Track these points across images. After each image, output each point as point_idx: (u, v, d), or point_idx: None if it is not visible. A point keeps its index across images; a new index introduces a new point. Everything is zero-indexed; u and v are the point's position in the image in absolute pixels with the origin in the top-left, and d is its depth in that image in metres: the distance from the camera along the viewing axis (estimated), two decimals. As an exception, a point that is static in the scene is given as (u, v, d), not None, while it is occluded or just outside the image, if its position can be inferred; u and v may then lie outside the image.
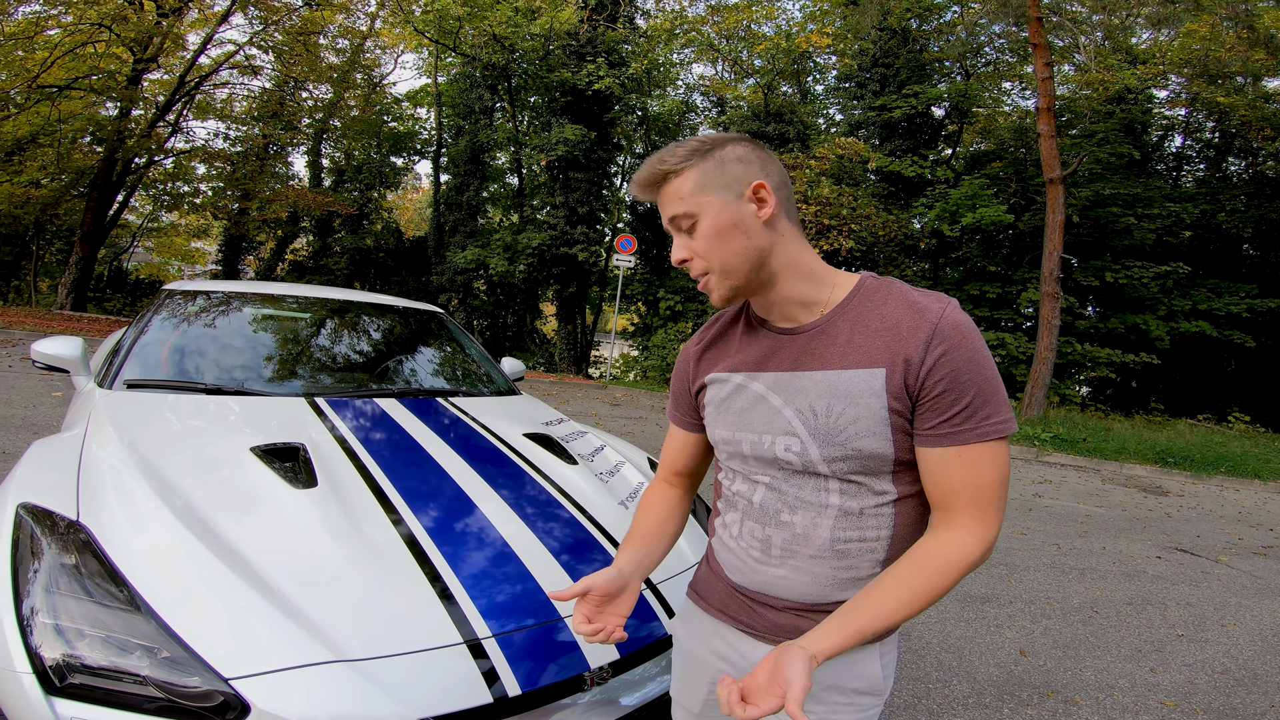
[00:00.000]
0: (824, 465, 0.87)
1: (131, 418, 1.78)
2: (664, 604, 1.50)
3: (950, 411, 0.81)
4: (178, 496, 1.40)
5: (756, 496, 0.95)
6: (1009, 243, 16.10)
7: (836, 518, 0.88)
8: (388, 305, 3.03)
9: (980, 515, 0.83)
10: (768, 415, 0.92)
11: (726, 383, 0.98)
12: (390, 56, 21.69)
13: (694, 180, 0.87)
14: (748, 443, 0.94)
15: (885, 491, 0.87)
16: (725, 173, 0.87)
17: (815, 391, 0.87)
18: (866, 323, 0.87)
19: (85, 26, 12.38)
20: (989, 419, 0.81)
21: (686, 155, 0.88)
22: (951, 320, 0.82)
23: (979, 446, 0.82)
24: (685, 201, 0.88)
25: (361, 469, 1.66)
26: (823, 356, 0.88)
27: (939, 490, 0.84)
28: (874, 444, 0.84)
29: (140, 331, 2.32)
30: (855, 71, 16.42)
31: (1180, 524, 5.78)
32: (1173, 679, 2.81)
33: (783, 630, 0.92)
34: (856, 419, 0.84)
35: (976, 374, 0.81)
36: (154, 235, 21.82)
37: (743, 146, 0.89)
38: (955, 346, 0.81)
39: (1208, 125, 16.96)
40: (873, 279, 0.92)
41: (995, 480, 0.83)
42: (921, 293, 0.87)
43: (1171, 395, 15.17)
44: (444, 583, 1.32)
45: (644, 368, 16.16)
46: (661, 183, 0.90)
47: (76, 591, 1.14)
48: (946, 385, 0.81)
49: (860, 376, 0.85)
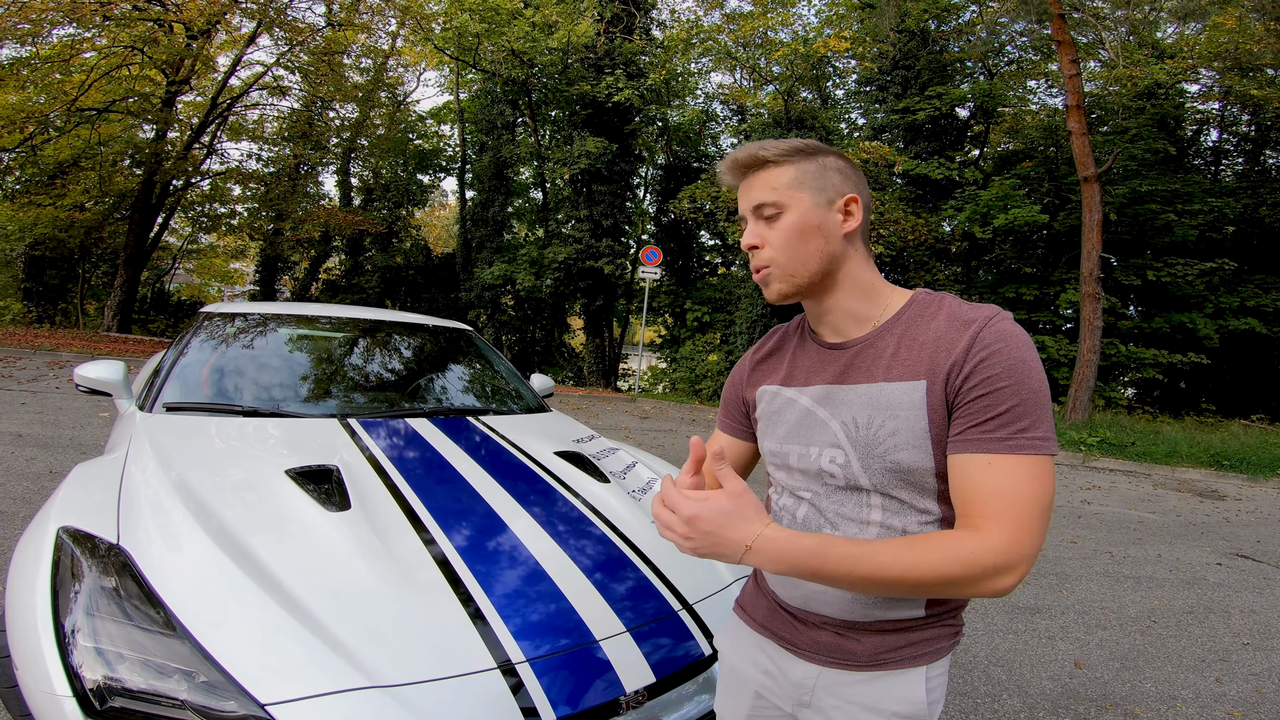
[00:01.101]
0: (865, 478, 0.86)
1: (170, 441, 1.81)
2: (700, 624, 1.46)
3: (982, 418, 0.78)
4: (214, 520, 1.41)
5: (800, 512, 0.94)
6: (1044, 243, 15.73)
7: (879, 534, 0.85)
8: (417, 324, 3.06)
9: (1005, 527, 0.74)
10: (815, 427, 0.92)
11: (776, 395, 0.99)
12: (412, 74, 22.17)
13: (792, 175, 0.89)
14: (795, 454, 0.94)
15: (929, 511, 0.84)
16: (824, 178, 0.89)
17: (859, 404, 0.87)
18: (913, 336, 0.86)
19: (119, 49, 12.82)
20: (1026, 432, 0.76)
21: (790, 151, 0.90)
22: (997, 329, 0.80)
23: (1011, 458, 0.76)
24: (778, 192, 0.89)
25: (394, 490, 1.65)
26: (868, 370, 0.88)
27: (962, 499, 0.78)
28: (912, 457, 0.82)
29: (179, 355, 2.37)
30: (876, 75, 16.25)
31: (1239, 529, 5.56)
32: (1239, 689, 2.69)
33: (823, 648, 0.90)
34: (895, 431, 0.83)
35: (1019, 383, 0.77)
36: (194, 257, 22.49)
37: (843, 160, 0.92)
38: (996, 354, 0.78)
39: (1243, 119, 16.42)
40: (925, 294, 0.92)
41: (1030, 497, 0.75)
42: (973, 306, 0.86)
43: (1222, 395, 14.61)
44: (476, 604, 1.31)
45: (672, 380, 16.11)
46: (757, 168, 0.91)
47: (116, 614, 1.15)
48: (983, 390, 0.78)
49: (901, 389, 0.84)
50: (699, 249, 19.57)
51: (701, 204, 15.21)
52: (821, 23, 16.32)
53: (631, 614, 1.40)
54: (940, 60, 15.23)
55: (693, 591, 1.53)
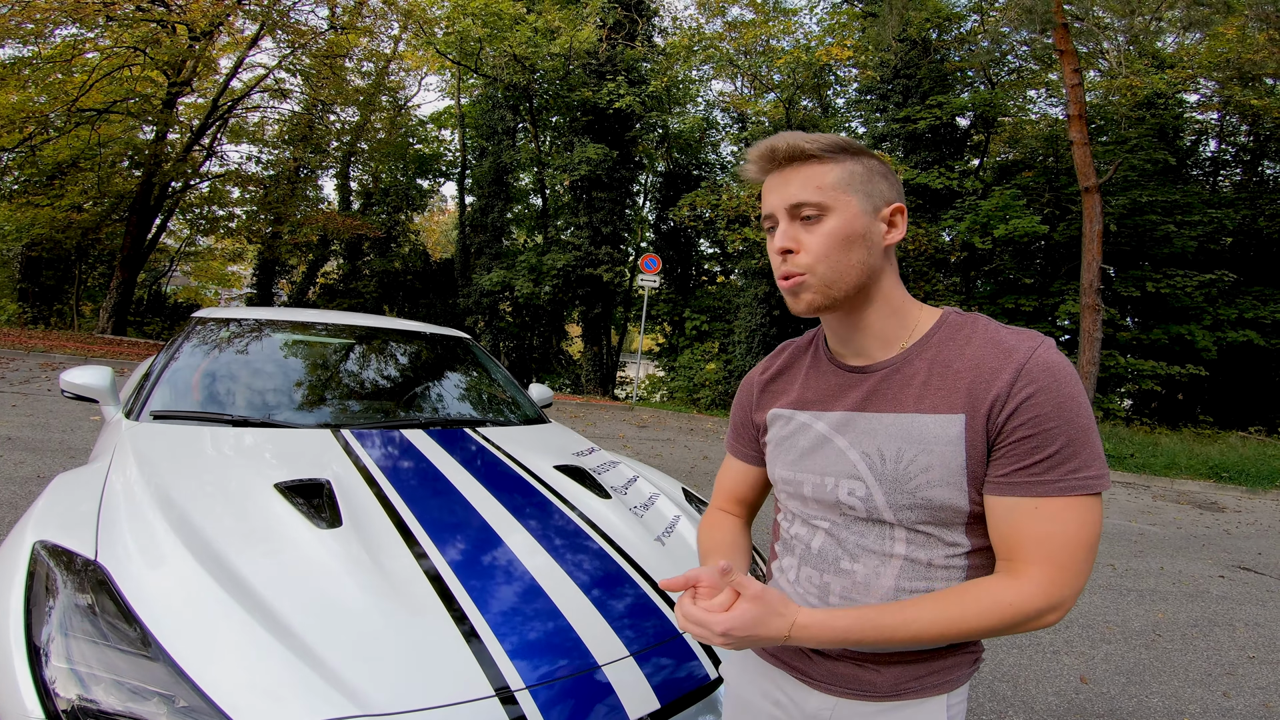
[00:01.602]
0: (889, 513, 0.80)
1: (156, 451, 1.75)
2: (705, 646, 1.41)
3: (1029, 460, 0.73)
4: (198, 536, 1.35)
5: (815, 542, 0.88)
6: (1043, 254, 15.73)
7: (902, 567, 0.81)
8: (414, 332, 3.00)
9: (1051, 572, 0.72)
10: (831, 457, 0.86)
11: (789, 420, 0.92)
12: (414, 79, 22.21)
13: (840, 175, 0.81)
14: (809, 484, 0.88)
15: (957, 544, 0.79)
16: (872, 183, 0.82)
17: (885, 435, 0.81)
18: (946, 363, 0.80)
19: (121, 50, 12.79)
20: (1077, 472, 0.72)
21: (835, 147, 0.81)
22: (1043, 360, 0.74)
23: (1060, 501, 0.72)
24: (823, 191, 0.81)
25: (387, 506, 1.60)
26: (896, 398, 0.82)
27: (1005, 543, 0.75)
28: (946, 495, 0.77)
29: (168, 361, 2.31)
30: (877, 84, 16.29)
31: (1240, 541, 5.53)
32: (1247, 703, 2.66)
33: (840, 678, 0.85)
34: (928, 468, 0.77)
35: (1067, 421, 0.72)
36: (191, 259, 22.43)
37: (886, 166, 0.85)
38: (1044, 389, 0.73)
39: (1241, 129, 16.49)
40: (956, 315, 0.85)
41: (1077, 540, 0.72)
42: (1011, 330, 0.79)
43: (1220, 407, 14.59)
44: (470, 622, 1.25)
45: (670, 388, 16.06)
46: (797, 160, 0.82)
47: (92, 634, 1.10)
48: (1029, 431, 0.73)
49: (936, 422, 0.77)
50: (698, 257, 19.57)
51: (701, 212, 15.20)
52: (823, 31, 16.37)
53: (633, 635, 1.35)
54: (941, 69, 15.27)
55: (697, 613, 1.47)
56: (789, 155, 0.82)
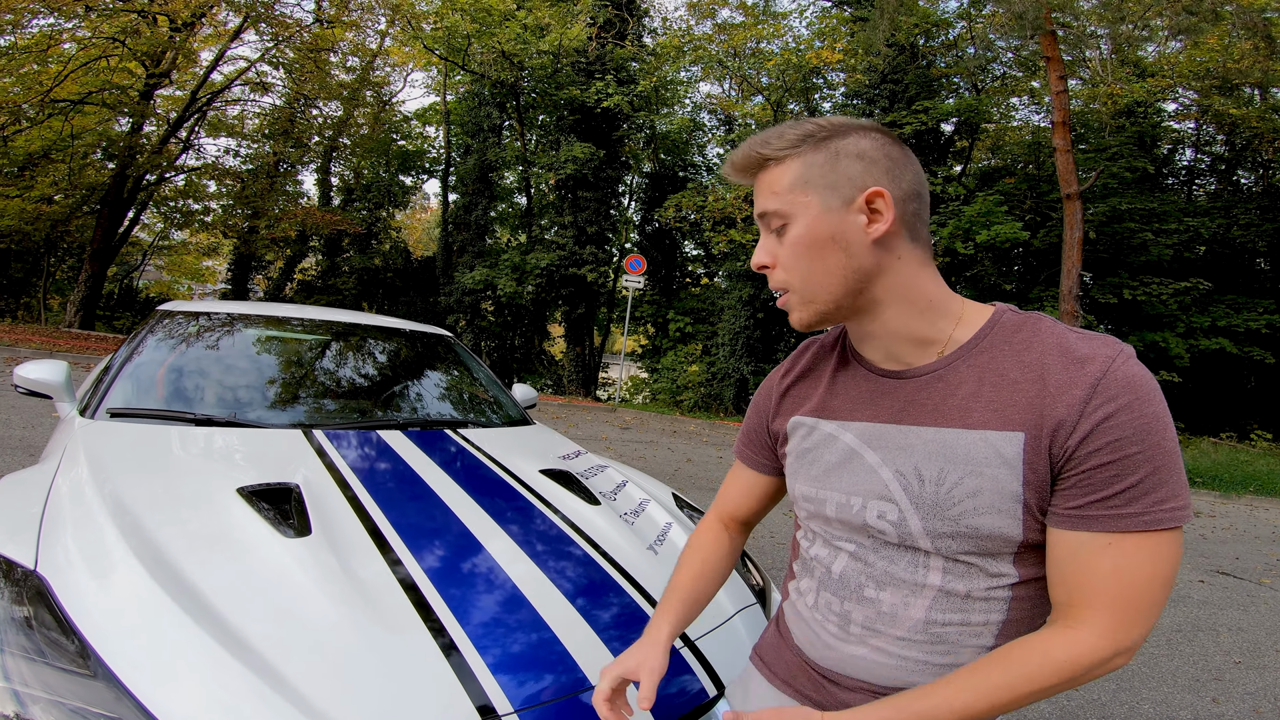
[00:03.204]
0: (926, 540, 0.70)
1: (109, 452, 1.62)
2: (702, 661, 1.32)
3: (1107, 491, 0.62)
4: (150, 544, 1.24)
5: (837, 566, 0.79)
6: (1023, 260, 15.91)
7: (935, 599, 0.71)
8: (392, 328, 2.88)
9: (1119, 615, 0.62)
10: (860, 474, 0.76)
11: (813, 430, 0.82)
12: (400, 75, 21.92)
13: (795, 173, 0.71)
14: (833, 503, 0.78)
15: (1002, 574, 0.69)
16: (836, 170, 0.70)
17: (924, 452, 0.71)
18: (1002, 371, 0.69)
19: (99, 41, 12.47)
20: (1163, 504, 0.62)
21: (795, 141, 0.72)
22: (1124, 375, 0.63)
23: (1139, 537, 0.62)
24: (779, 197, 0.72)
25: (360, 511, 1.49)
26: (938, 410, 0.71)
27: (1067, 584, 0.65)
28: (996, 524, 0.67)
29: (129, 356, 2.18)
30: (864, 88, 16.38)
31: (1217, 546, 5.61)
32: (1236, 709, 2.66)
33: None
34: (976, 492, 0.67)
35: (1153, 446, 0.61)
36: (164, 253, 21.94)
37: (869, 140, 0.71)
38: (1126, 409, 0.62)
39: (1218, 138, 16.82)
40: (1013, 314, 0.73)
41: (1153, 578, 0.62)
42: (1082, 335, 0.68)
43: (1191, 413, 14.84)
44: (449, 635, 1.16)
45: (653, 390, 16.00)
46: (759, 168, 0.75)
47: (29, 650, 1.01)
48: (1107, 458, 0.62)
49: (988, 440, 0.67)
50: (683, 259, 19.54)
51: (686, 214, 15.16)
52: (813, 34, 16.42)
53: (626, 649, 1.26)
54: (928, 75, 15.39)
55: (693, 626, 1.39)
56: (748, 164, 0.75)
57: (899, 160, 0.72)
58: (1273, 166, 16.11)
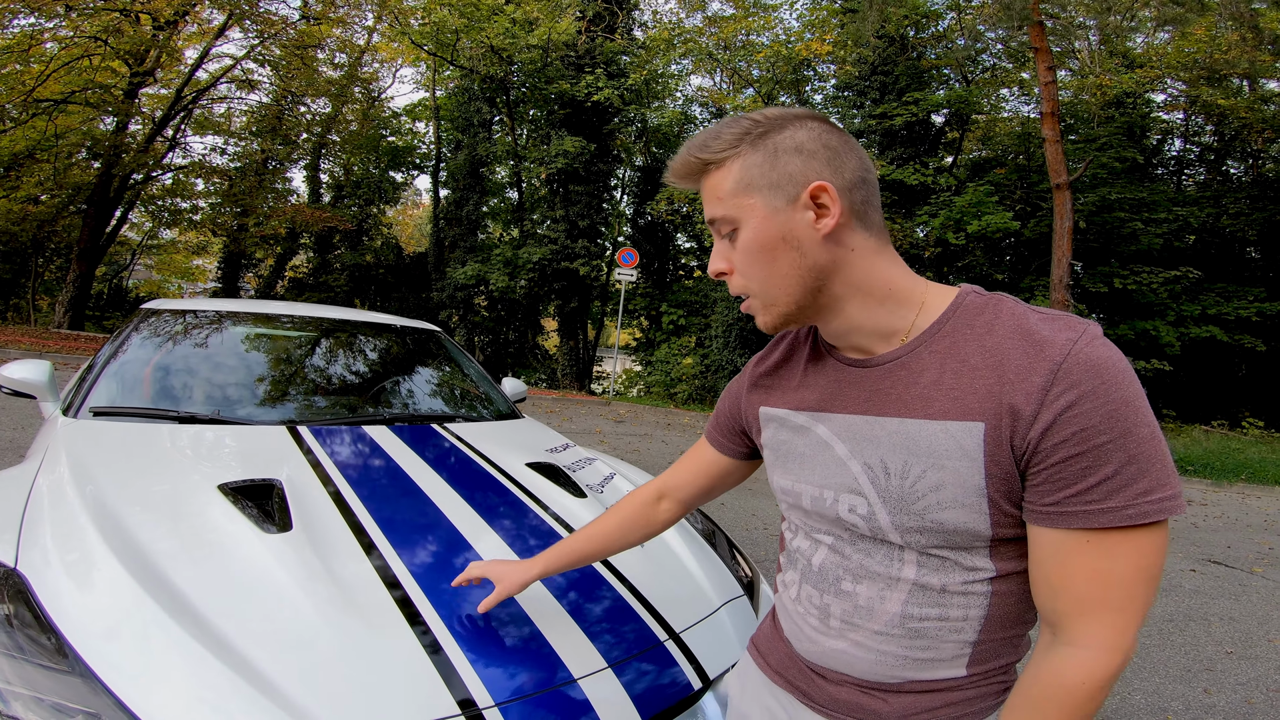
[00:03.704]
0: (895, 535, 0.69)
1: (91, 451, 1.61)
2: (688, 654, 1.32)
3: (1080, 485, 0.59)
4: (129, 542, 1.23)
5: (816, 558, 0.78)
6: (1014, 250, 15.97)
7: (911, 592, 0.70)
8: (379, 324, 2.86)
9: (1112, 620, 0.60)
10: (832, 466, 0.75)
11: (785, 422, 0.81)
12: (388, 70, 21.77)
13: (736, 176, 0.69)
14: (808, 496, 0.77)
15: (978, 568, 0.68)
16: (777, 168, 0.68)
17: (889, 444, 0.69)
18: (963, 357, 0.66)
19: (81, 40, 12.34)
20: (1146, 495, 0.58)
21: (732, 141, 0.70)
22: (1086, 358, 0.59)
23: (1121, 533, 0.58)
24: (723, 203, 0.71)
25: (344, 508, 1.48)
26: (901, 399, 0.69)
27: (1051, 586, 0.63)
28: (961, 518, 0.65)
29: (112, 354, 2.16)
30: (854, 79, 16.37)
31: (1208, 534, 5.61)
32: (1228, 699, 2.65)
33: (842, 705, 0.77)
34: (939, 486, 0.65)
35: (1125, 433, 0.58)
36: (154, 253, 21.78)
37: (807, 130, 0.69)
38: (1090, 395, 0.58)
39: (1206, 129, 16.91)
40: (976, 295, 0.70)
41: (1137, 575, 0.59)
42: (1045, 316, 0.65)
43: (1183, 401, 14.96)
44: (433, 634, 1.15)
45: (647, 383, 15.99)
46: (700, 173, 0.73)
47: (8, 647, 1.01)
48: (1075, 450, 0.58)
49: (948, 431, 0.64)
50: (675, 252, 19.50)
51: (679, 206, 15.14)
52: (803, 26, 16.40)
53: (612, 645, 1.26)
54: (918, 66, 15.39)
55: (679, 619, 1.39)
56: (688, 170, 0.73)
57: (838, 149, 0.69)
58: (1262, 156, 16.21)
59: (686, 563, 1.59)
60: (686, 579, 1.54)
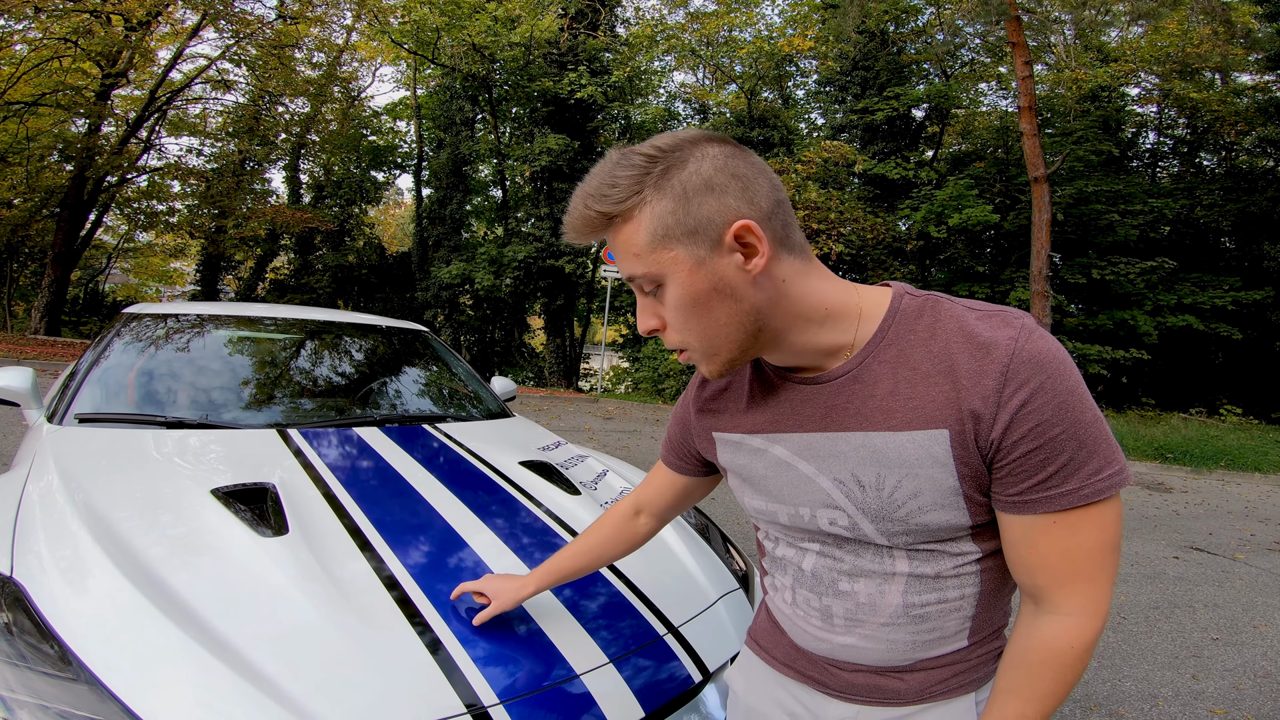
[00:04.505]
0: (882, 538, 0.71)
1: (80, 457, 1.59)
2: (687, 648, 1.33)
3: (1041, 475, 0.63)
4: (124, 549, 1.22)
5: (807, 564, 0.79)
6: (995, 242, 16.17)
7: (908, 583, 0.72)
8: (367, 325, 2.84)
9: (1087, 589, 0.65)
10: (800, 485, 0.74)
11: (740, 445, 0.80)
12: (368, 69, 21.54)
13: (649, 228, 0.63)
14: (784, 514, 0.78)
15: (966, 552, 0.71)
16: (691, 213, 0.62)
17: (856, 459, 0.69)
18: (913, 364, 0.67)
19: (50, 41, 12.10)
20: (1098, 474, 0.62)
21: (632, 186, 0.63)
22: (1029, 355, 0.61)
23: (1081, 512, 0.63)
24: (641, 260, 0.65)
25: (339, 510, 1.47)
26: (860, 413, 0.69)
27: (1028, 565, 0.67)
28: (943, 518, 0.68)
29: (95, 360, 2.13)
30: (836, 75, 16.48)
31: (1189, 521, 5.71)
32: (1216, 685, 2.70)
33: (859, 689, 0.78)
34: (917, 493, 0.67)
35: (1074, 422, 0.61)
36: (130, 256, 21.42)
37: (709, 161, 0.63)
38: (1040, 391, 0.61)
39: (1180, 121, 17.21)
40: (910, 297, 0.70)
41: (1105, 545, 0.65)
42: (981, 315, 0.66)
43: (1161, 390, 15.24)
44: (433, 632, 1.15)
45: (635, 380, 16.00)
46: (603, 228, 0.66)
47: (10, 655, 1.00)
48: (1033, 444, 0.62)
49: (915, 441, 0.65)
50: (661, 248, 19.50)
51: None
52: (784, 22, 16.46)
53: (612, 640, 1.26)
54: (898, 62, 15.52)
55: (676, 613, 1.40)
56: (588, 225, 0.66)
57: (747, 176, 0.64)
58: (1234, 148, 16.51)
59: (682, 557, 1.60)
60: (683, 573, 1.55)
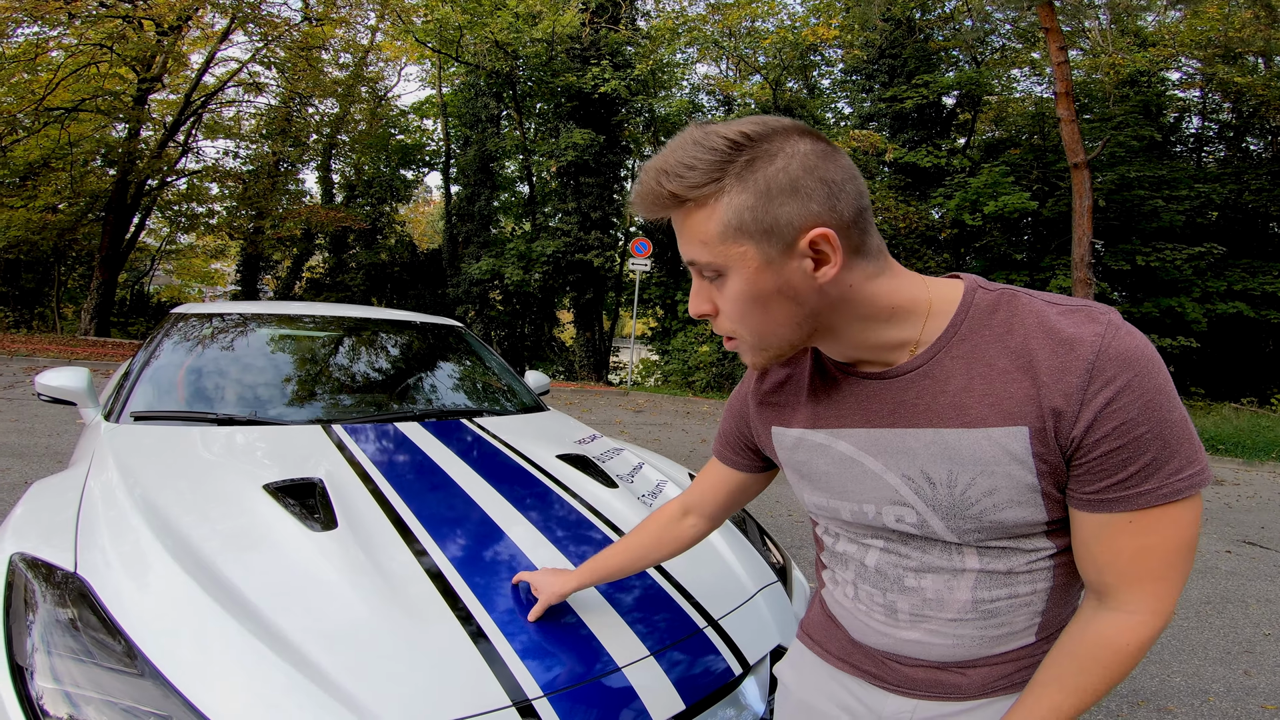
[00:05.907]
0: (951, 536, 0.70)
1: (137, 455, 1.65)
2: (727, 641, 1.34)
3: (1122, 474, 0.60)
4: (184, 544, 1.27)
5: (870, 559, 0.78)
6: (1033, 229, 15.77)
7: (978, 579, 0.71)
8: (403, 321, 2.90)
9: (1156, 588, 0.63)
10: (866, 481, 0.73)
11: (801, 441, 0.78)
12: (393, 69, 21.83)
13: (724, 219, 0.60)
14: (846, 510, 0.77)
15: (1039, 549, 0.69)
16: (770, 212, 0.59)
17: (926, 455, 0.67)
18: (988, 360, 0.64)
19: (86, 47, 12.48)
20: (1179, 473, 0.60)
21: (712, 170, 0.60)
22: (1117, 352, 0.59)
23: (1159, 511, 0.61)
24: (709, 248, 0.63)
25: (385, 504, 1.51)
26: (930, 409, 0.66)
27: (1097, 563, 0.65)
28: (1020, 514, 0.66)
29: (147, 359, 2.21)
30: (862, 63, 16.19)
31: (1242, 515, 5.53)
32: (1269, 681, 2.63)
33: (920, 684, 0.77)
34: (992, 490, 0.65)
35: (1160, 421, 0.59)
36: (173, 257, 22.10)
37: (799, 160, 0.60)
38: (1127, 389, 0.58)
39: (1225, 106, 16.56)
40: (984, 291, 0.68)
41: (1180, 545, 0.62)
42: (1064, 310, 0.63)
43: (1211, 379, 14.71)
44: (476, 623, 1.17)
45: (665, 372, 16.00)
46: (672, 207, 0.64)
47: (76, 651, 1.02)
48: (1117, 443, 0.59)
49: (992, 438, 0.63)
50: (688, 241, 19.42)
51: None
52: (808, 11, 16.22)
53: (651, 632, 1.27)
54: (926, 49, 15.19)
55: (716, 606, 1.41)
56: (657, 201, 0.63)
57: (835, 181, 0.61)
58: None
59: (721, 551, 1.60)
60: (722, 567, 1.55)
